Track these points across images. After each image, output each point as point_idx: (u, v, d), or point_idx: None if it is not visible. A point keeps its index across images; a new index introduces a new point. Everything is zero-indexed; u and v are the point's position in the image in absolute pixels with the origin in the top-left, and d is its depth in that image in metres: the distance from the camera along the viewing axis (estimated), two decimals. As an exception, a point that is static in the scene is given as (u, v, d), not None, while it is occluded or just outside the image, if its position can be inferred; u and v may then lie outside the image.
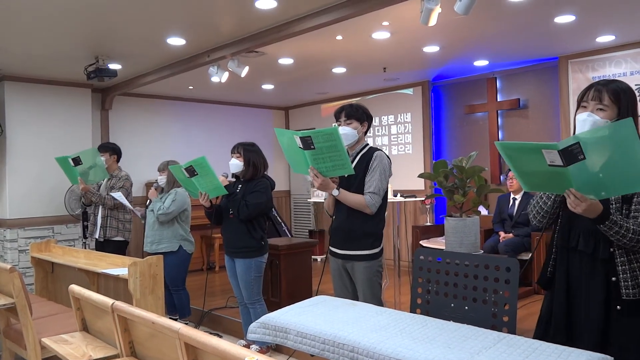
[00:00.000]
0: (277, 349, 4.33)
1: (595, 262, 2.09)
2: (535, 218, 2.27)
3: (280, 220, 7.70)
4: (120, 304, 2.03)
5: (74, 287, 2.40)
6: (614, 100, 2.05)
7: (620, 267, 2.04)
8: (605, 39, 5.45)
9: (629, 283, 2.02)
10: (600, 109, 2.06)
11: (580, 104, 2.14)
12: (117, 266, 4.19)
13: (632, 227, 1.96)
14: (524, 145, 1.87)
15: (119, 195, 5.26)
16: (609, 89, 2.06)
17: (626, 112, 2.04)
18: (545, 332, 2.21)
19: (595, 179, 1.82)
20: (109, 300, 2.09)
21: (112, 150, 5.58)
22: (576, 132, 2.04)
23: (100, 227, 5.36)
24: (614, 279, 2.04)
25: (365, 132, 3.25)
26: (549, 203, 2.20)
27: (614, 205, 2.04)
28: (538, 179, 1.96)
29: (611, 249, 2.05)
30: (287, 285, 5.15)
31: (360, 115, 3.18)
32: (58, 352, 2.30)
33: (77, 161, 5.19)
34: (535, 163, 1.85)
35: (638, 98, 2.12)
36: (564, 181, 1.87)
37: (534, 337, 2.08)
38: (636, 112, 2.08)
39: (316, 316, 2.21)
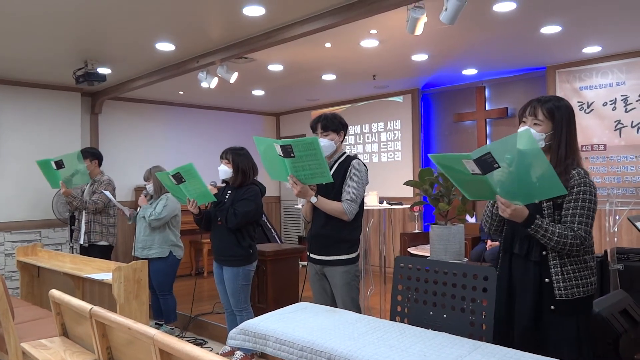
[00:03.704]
0: (262, 355, 4.33)
1: (528, 264, 2.25)
2: (485, 225, 2.46)
3: (269, 226, 7.71)
4: (98, 310, 2.02)
5: (54, 292, 2.40)
6: (548, 116, 2.23)
7: (552, 269, 2.19)
8: (591, 49, 5.51)
9: (561, 284, 2.17)
10: (536, 124, 2.25)
11: (521, 119, 2.33)
12: (102, 271, 4.18)
13: (557, 230, 2.12)
14: (449, 157, 2.03)
15: (108, 194, 5.25)
16: (545, 106, 2.24)
17: (560, 127, 2.22)
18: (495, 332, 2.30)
19: (515, 185, 1.97)
20: (87, 306, 2.09)
21: (92, 155, 5.53)
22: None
23: (84, 232, 5.33)
24: (547, 280, 2.20)
25: (342, 141, 3.33)
26: (493, 211, 2.38)
27: (545, 211, 2.20)
28: (473, 188, 2.12)
29: (544, 252, 2.20)
30: (273, 291, 5.15)
31: (337, 126, 3.25)
32: (36, 357, 2.29)
33: (59, 164, 5.14)
34: (465, 173, 2.00)
35: (630, 107, 2.28)
36: (490, 188, 2.02)
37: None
38: (570, 128, 2.25)
39: (296, 323, 2.22)
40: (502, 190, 2.02)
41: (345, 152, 3.32)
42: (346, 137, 3.47)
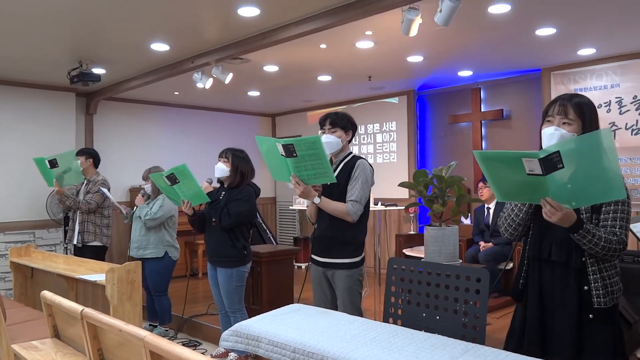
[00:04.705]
0: (256, 357, 4.30)
1: (567, 271, 2.13)
2: (507, 231, 2.29)
3: (265, 227, 7.69)
4: (89, 311, 2.01)
5: (46, 293, 2.38)
6: (578, 114, 2.10)
7: (592, 276, 2.08)
8: (586, 52, 5.52)
9: (600, 292, 2.06)
10: (566, 123, 2.11)
11: (546, 118, 2.18)
12: (95, 272, 4.16)
13: (603, 235, 2.01)
14: (504, 154, 1.89)
15: (105, 191, 5.23)
16: (573, 103, 2.11)
17: (589, 126, 2.10)
18: (519, 344, 2.22)
19: (571, 188, 1.86)
20: (78, 307, 2.08)
21: (87, 154, 5.50)
22: (543, 146, 2.08)
23: (78, 232, 5.30)
24: (586, 288, 2.08)
25: (350, 141, 3.27)
26: (520, 215, 2.22)
27: (584, 215, 2.08)
28: (513, 188, 1.98)
29: (583, 258, 2.09)
30: (268, 292, 5.14)
31: (345, 124, 3.19)
32: (27, 359, 2.28)
33: (53, 163, 5.11)
34: (514, 172, 1.87)
35: (625, 109, 2.18)
36: (540, 190, 1.90)
37: (505, 349, 2.09)
38: (598, 126, 2.13)
39: (288, 325, 2.21)
40: (555, 193, 1.89)
41: (351, 152, 3.26)
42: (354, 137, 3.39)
